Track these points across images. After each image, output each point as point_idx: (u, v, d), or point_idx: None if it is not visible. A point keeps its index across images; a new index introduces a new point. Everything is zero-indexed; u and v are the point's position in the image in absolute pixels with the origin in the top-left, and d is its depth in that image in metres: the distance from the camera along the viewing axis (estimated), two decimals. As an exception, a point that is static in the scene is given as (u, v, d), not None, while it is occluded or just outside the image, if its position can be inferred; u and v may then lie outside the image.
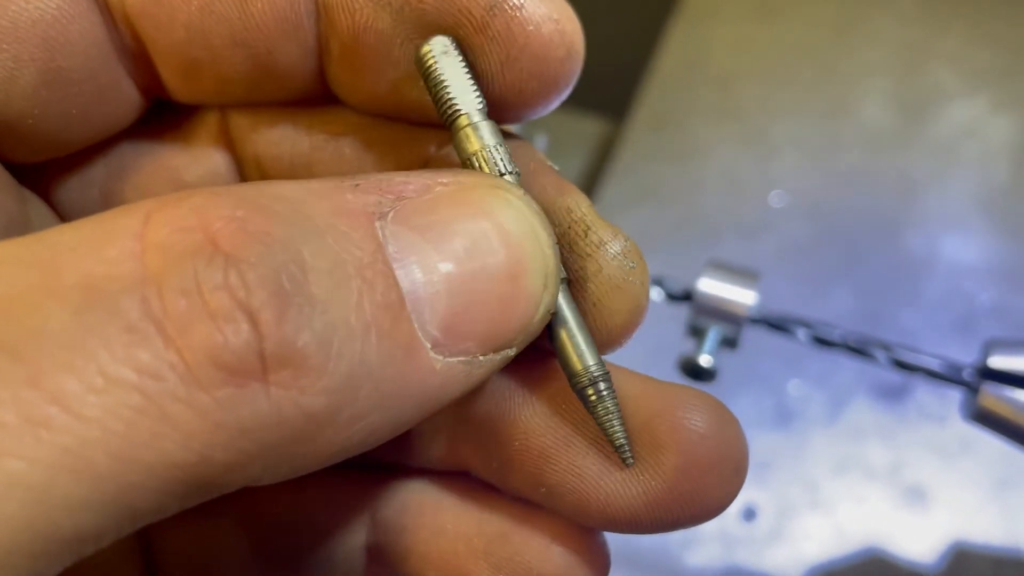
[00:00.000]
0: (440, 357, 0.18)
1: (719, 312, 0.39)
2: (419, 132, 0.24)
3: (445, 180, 0.19)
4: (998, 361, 0.36)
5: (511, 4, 0.21)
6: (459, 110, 0.21)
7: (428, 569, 0.24)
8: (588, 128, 0.74)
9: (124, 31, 0.22)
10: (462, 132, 0.21)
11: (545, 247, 0.19)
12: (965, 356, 0.42)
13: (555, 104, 0.23)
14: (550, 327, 0.21)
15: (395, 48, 0.21)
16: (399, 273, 0.17)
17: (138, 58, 0.23)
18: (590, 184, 0.69)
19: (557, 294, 0.20)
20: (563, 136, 0.72)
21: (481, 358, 0.19)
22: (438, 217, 0.18)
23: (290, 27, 0.22)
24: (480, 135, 0.21)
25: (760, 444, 0.54)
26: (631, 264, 0.21)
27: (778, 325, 0.40)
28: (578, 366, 0.20)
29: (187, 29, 0.22)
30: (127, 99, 0.24)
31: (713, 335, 0.39)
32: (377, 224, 0.18)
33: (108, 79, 0.23)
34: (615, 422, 0.20)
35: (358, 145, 0.24)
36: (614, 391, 0.20)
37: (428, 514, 0.24)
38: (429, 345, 0.18)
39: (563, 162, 0.71)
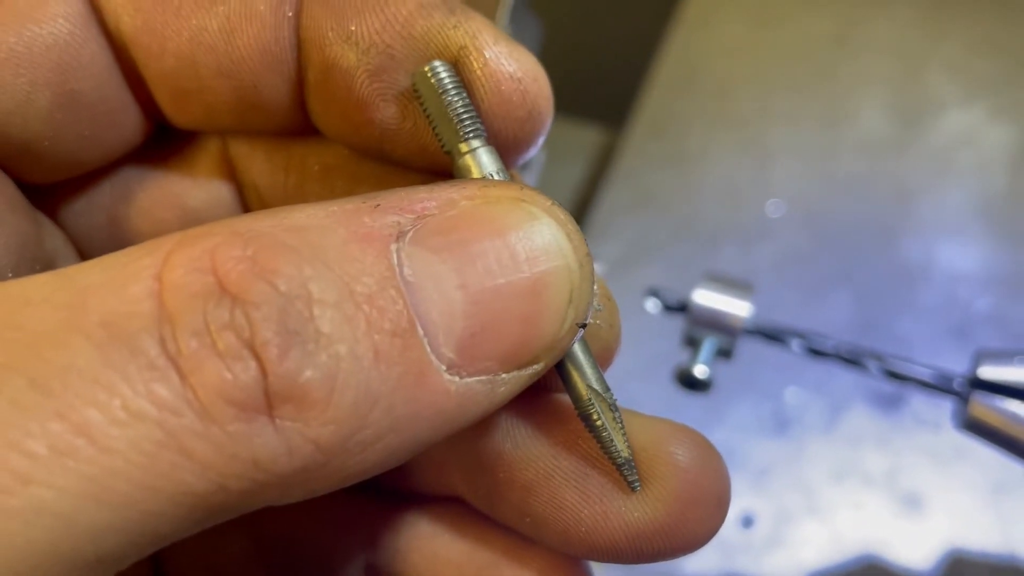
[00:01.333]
0: (456, 378, 0.18)
1: (714, 323, 0.39)
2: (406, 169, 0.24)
3: (470, 193, 0.19)
4: (988, 371, 0.36)
5: (477, 59, 0.21)
6: (462, 135, 0.21)
7: None
8: (586, 135, 0.75)
9: (124, 56, 0.23)
10: (465, 158, 0.21)
11: (571, 260, 0.19)
12: (961, 363, 0.42)
13: (522, 159, 0.23)
14: None
15: (356, 87, 0.22)
16: (412, 297, 0.17)
17: (137, 82, 0.24)
18: (588, 192, 0.70)
19: (588, 307, 0.19)
20: (561, 143, 0.72)
21: (504, 376, 0.19)
22: (457, 236, 0.18)
23: (273, 60, 0.22)
24: (484, 161, 0.21)
25: (757, 451, 0.54)
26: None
27: (772, 336, 0.40)
28: (584, 390, 0.20)
29: (176, 58, 0.22)
30: (134, 121, 0.24)
31: (708, 346, 0.40)
32: (393, 247, 0.18)
33: (117, 102, 0.24)
34: (622, 447, 0.20)
35: (349, 178, 0.24)
36: (620, 416, 0.20)
37: (422, 539, 0.25)
38: (444, 367, 0.18)
39: (561, 169, 0.72)
